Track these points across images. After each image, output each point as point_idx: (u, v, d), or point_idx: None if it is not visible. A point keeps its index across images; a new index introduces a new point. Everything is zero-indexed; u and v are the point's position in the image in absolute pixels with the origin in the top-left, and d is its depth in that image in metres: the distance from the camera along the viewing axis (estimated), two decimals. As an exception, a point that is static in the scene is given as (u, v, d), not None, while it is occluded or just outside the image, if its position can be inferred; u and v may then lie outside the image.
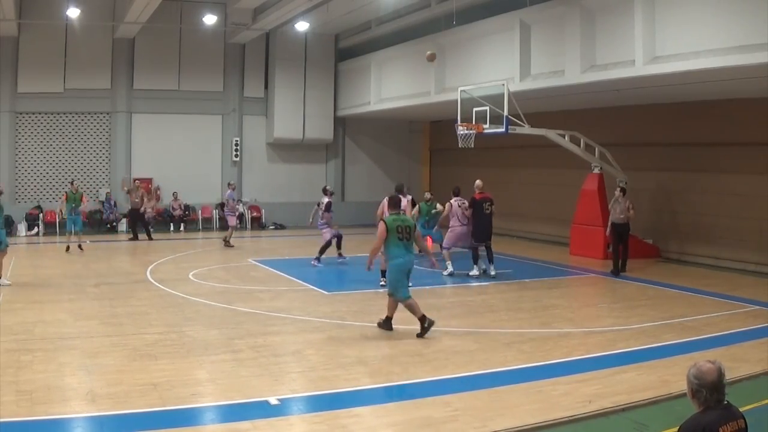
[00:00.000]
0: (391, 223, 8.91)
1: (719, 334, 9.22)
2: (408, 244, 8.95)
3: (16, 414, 5.90)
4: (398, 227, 8.88)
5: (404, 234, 8.88)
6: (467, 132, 15.51)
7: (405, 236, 8.89)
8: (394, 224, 8.90)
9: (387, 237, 8.86)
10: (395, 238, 8.85)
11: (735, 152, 15.39)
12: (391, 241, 8.87)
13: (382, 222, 9.00)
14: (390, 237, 8.85)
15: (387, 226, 8.86)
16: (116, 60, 22.42)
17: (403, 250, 8.90)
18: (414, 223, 9.34)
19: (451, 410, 6.22)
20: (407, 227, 8.95)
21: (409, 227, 8.98)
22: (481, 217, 14.10)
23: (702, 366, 3.43)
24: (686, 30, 12.23)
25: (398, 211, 9.24)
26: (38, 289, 12.11)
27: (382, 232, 8.86)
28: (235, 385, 6.88)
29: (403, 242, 8.89)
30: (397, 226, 8.89)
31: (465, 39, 18.14)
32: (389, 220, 8.98)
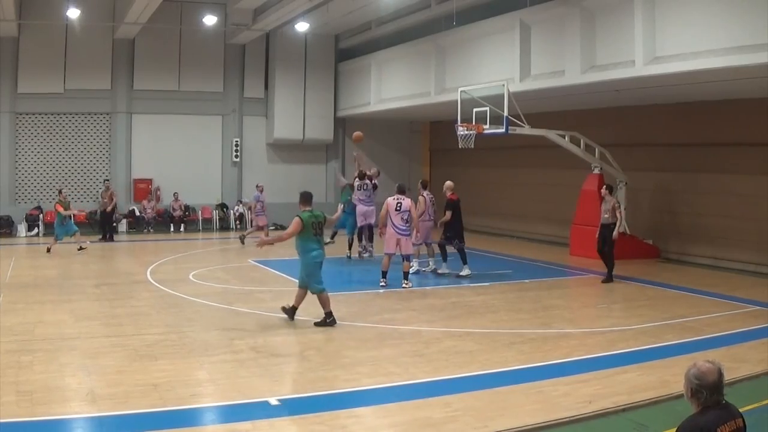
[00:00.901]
0: (307, 219, 9.30)
1: (719, 335, 9.22)
2: (320, 239, 9.50)
3: (17, 414, 5.91)
4: (313, 223, 9.35)
5: (318, 229, 9.40)
6: (467, 132, 15.51)
7: (318, 231, 9.42)
8: (310, 220, 9.32)
9: (303, 232, 9.28)
10: (311, 234, 9.31)
11: (735, 152, 15.39)
12: (307, 236, 9.29)
13: (298, 218, 9.34)
14: (306, 232, 9.28)
15: (303, 222, 9.25)
16: (116, 60, 22.43)
17: (317, 244, 9.40)
18: (324, 218, 9.76)
19: (451, 411, 6.22)
20: (320, 222, 9.48)
21: (321, 222, 9.51)
22: (459, 218, 13.98)
23: (702, 366, 3.42)
24: (686, 30, 12.23)
25: (311, 207, 9.60)
26: (39, 290, 12.11)
27: (298, 226, 9.25)
28: (236, 386, 6.88)
29: (317, 237, 9.41)
30: (312, 222, 9.34)
31: (465, 39, 18.15)
32: (305, 216, 9.33)
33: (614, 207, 13.52)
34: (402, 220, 12.56)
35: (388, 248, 12.65)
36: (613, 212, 13.47)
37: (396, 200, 12.68)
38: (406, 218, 12.59)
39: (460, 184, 24.63)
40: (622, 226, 16.98)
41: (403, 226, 12.58)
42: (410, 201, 12.85)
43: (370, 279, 13.41)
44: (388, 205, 12.63)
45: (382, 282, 12.59)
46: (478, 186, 24.03)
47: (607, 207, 13.59)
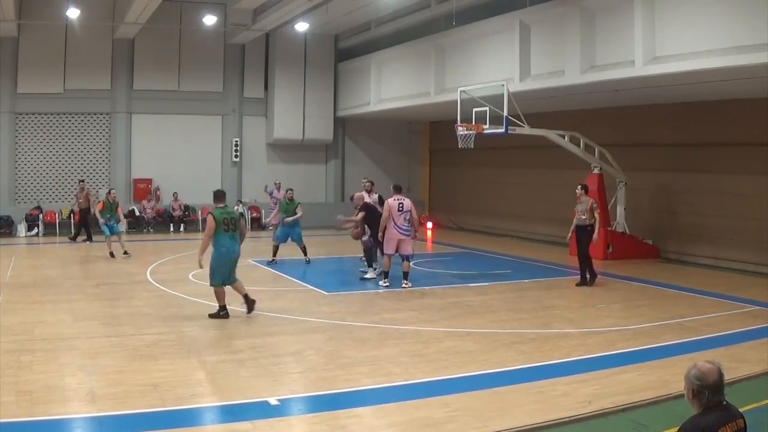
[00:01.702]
0: (218, 215, 9.59)
1: (719, 335, 9.22)
2: (234, 235, 9.70)
3: (16, 414, 5.91)
4: (224, 219, 9.63)
5: (230, 225, 9.66)
6: (467, 132, 15.50)
7: (231, 227, 9.67)
8: (221, 217, 9.61)
9: (215, 228, 9.54)
10: (222, 230, 9.58)
11: (735, 152, 15.40)
12: (218, 232, 9.58)
13: (210, 215, 9.64)
14: (218, 228, 9.56)
15: (215, 218, 9.54)
16: (116, 60, 22.44)
17: (228, 241, 9.64)
18: (239, 216, 10.05)
19: (450, 411, 6.22)
20: (233, 219, 9.74)
21: (234, 219, 9.77)
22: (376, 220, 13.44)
23: (702, 367, 3.42)
24: (686, 30, 12.23)
25: (225, 204, 9.90)
26: (38, 290, 12.10)
27: (211, 223, 9.55)
28: (235, 386, 6.88)
29: (229, 233, 9.64)
30: (224, 218, 9.63)
31: (465, 39, 18.15)
32: (217, 213, 9.63)
33: (592, 207, 12.96)
34: (404, 220, 12.49)
35: (390, 249, 12.58)
36: (591, 213, 12.93)
37: (397, 201, 12.57)
38: (408, 218, 12.53)
39: (460, 184, 24.84)
40: (623, 225, 17.12)
41: (405, 226, 12.51)
42: (410, 201, 12.80)
43: (370, 279, 13.41)
44: (390, 207, 12.49)
45: (385, 282, 12.57)
46: (477, 186, 24.07)
47: (583, 207, 13.01)
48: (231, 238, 9.68)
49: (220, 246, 9.64)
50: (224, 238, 9.62)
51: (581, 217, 13.01)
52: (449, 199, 25.79)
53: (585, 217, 12.97)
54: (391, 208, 12.48)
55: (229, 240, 9.66)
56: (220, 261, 9.67)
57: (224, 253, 9.65)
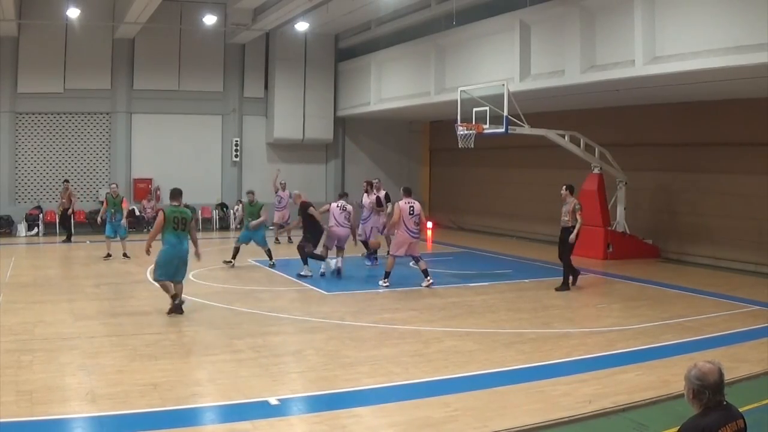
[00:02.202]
0: (169, 213, 9.84)
1: (719, 334, 9.22)
2: (181, 234, 9.90)
3: (16, 414, 5.90)
4: (174, 218, 9.84)
5: (179, 224, 9.85)
6: (467, 132, 15.50)
7: (180, 226, 9.86)
8: (172, 215, 9.84)
9: (165, 225, 9.78)
10: (171, 228, 9.81)
11: (735, 152, 15.39)
12: (167, 230, 9.81)
13: (161, 211, 9.95)
14: (167, 226, 9.80)
15: (166, 216, 9.80)
16: (116, 60, 22.43)
17: (175, 239, 9.84)
18: (191, 216, 10.20)
19: (450, 410, 6.22)
20: (183, 218, 9.91)
21: (185, 218, 9.93)
22: (315, 222, 13.77)
23: (703, 367, 3.41)
24: (686, 30, 12.23)
25: (179, 203, 10.12)
26: (38, 290, 12.11)
27: (161, 221, 9.83)
28: (235, 386, 6.88)
29: (177, 231, 9.84)
30: (174, 217, 9.84)
31: (465, 39, 18.15)
32: (168, 211, 9.90)
33: (574, 209, 12.38)
34: (414, 224, 12.56)
35: (398, 251, 12.56)
36: (573, 215, 12.35)
37: (408, 204, 12.58)
38: (417, 221, 12.61)
39: (461, 183, 24.84)
40: (623, 225, 17.11)
41: (415, 229, 12.57)
42: (419, 204, 12.82)
43: (370, 279, 13.42)
44: (402, 210, 12.50)
45: (385, 282, 12.58)
46: (478, 186, 24.07)
47: (567, 209, 12.53)
48: (178, 236, 9.87)
49: (166, 243, 9.87)
50: (172, 236, 9.83)
51: (564, 218, 12.56)
52: (449, 198, 25.78)
53: (567, 218, 12.47)
54: (402, 211, 12.49)
55: (176, 238, 9.85)
56: (166, 257, 9.86)
57: (169, 250, 9.85)
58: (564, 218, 12.52)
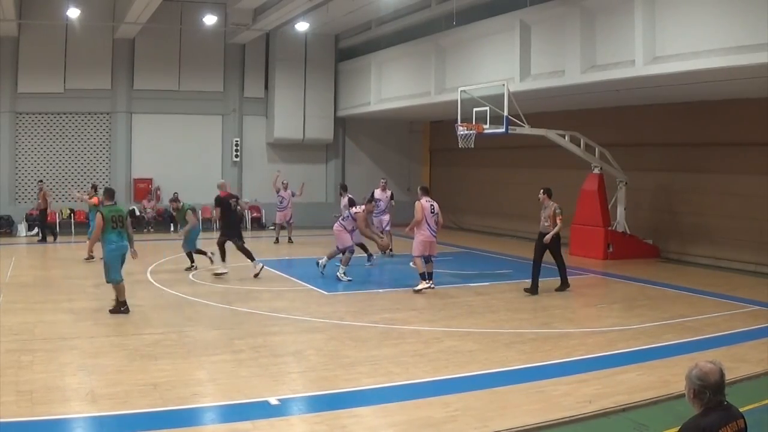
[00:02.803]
0: (107, 213, 10.01)
1: (719, 334, 9.22)
2: (121, 232, 10.09)
3: (17, 414, 5.90)
4: (113, 217, 10.01)
5: (117, 223, 10.04)
6: (467, 132, 15.50)
7: (118, 225, 10.05)
8: (110, 215, 10.02)
9: (104, 226, 9.93)
10: (110, 227, 9.97)
11: (735, 152, 15.39)
12: (107, 229, 9.96)
13: (99, 213, 10.07)
14: (106, 226, 9.94)
15: (104, 216, 9.95)
16: (116, 60, 22.44)
17: (116, 237, 10.00)
18: (126, 213, 10.48)
19: (451, 410, 6.22)
20: (120, 216, 10.14)
21: (122, 216, 10.17)
22: (230, 215, 13.72)
23: (704, 366, 3.41)
24: (686, 30, 12.23)
25: (113, 202, 10.36)
26: (39, 290, 12.11)
27: (100, 221, 9.95)
28: (236, 386, 6.88)
29: (117, 230, 10.02)
30: (112, 216, 10.01)
31: (465, 39, 18.15)
32: (106, 210, 10.07)
33: (554, 213, 12.05)
34: (435, 222, 12.35)
35: (422, 251, 12.20)
36: (553, 219, 12.04)
37: (429, 203, 12.32)
38: (437, 220, 12.39)
39: (461, 183, 24.84)
40: (623, 225, 17.11)
41: (435, 228, 12.38)
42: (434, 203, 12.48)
43: (370, 278, 13.41)
44: (424, 208, 12.20)
45: (431, 284, 12.15)
46: (478, 186, 24.07)
47: (546, 213, 12.22)
48: (118, 234, 10.06)
49: (110, 242, 9.99)
50: (113, 234, 9.99)
51: (544, 224, 12.23)
52: (449, 198, 25.73)
53: (548, 223, 12.17)
54: (424, 209, 12.22)
55: (117, 236, 10.03)
56: (113, 256, 10.01)
57: (114, 249, 10.01)
58: (544, 223, 12.23)
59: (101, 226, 9.92)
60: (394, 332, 9.23)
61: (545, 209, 12.23)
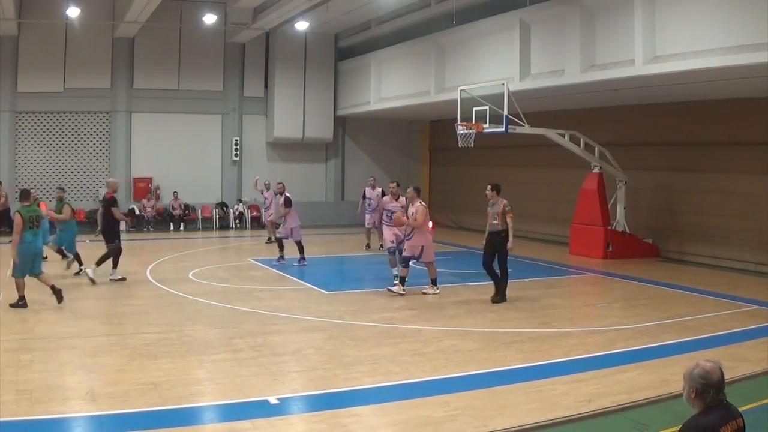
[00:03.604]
0: (25, 214, 10.25)
1: (719, 334, 9.22)
2: (36, 232, 10.39)
3: (16, 413, 5.90)
4: (30, 217, 10.29)
5: (34, 223, 10.33)
6: (467, 131, 15.50)
7: (35, 225, 10.35)
8: (28, 215, 10.27)
9: (23, 226, 10.16)
10: (27, 227, 10.21)
11: (735, 152, 15.39)
12: (24, 229, 10.18)
13: (18, 213, 10.29)
14: (24, 225, 10.16)
15: (23, 217, 10.17)
16: (116, 59, 22.43)
17: (31, 236, 10.28)
18: (42, 213, 10.84)
19: (450, 410, 6.22)
20: (37, 216, 10.46)
21: (39, 216, 10.52)
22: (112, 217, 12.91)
23: (705, 365, 3.40)
24: (686, 30, 12.22)
25: (29, 202, 10.65)
26: (38, 288, 12.07)
27: (19, 222, 10.16)
28: (235, 385, 6.88)
29: (32, 230, 10.31)
30: (30, 216, 10.29)
31: (465, 39, 18.14)
32: (24, 211, 10.28)
33: (503, 210, 11.14)
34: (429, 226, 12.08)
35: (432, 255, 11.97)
36: (503, 217, 11.13)
37: (423, 205, 11.92)
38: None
39: (461, 183, 24.83)
40: (623, 225, 17.09)
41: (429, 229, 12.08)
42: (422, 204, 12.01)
43: (370, 278, 13.41)
44: (426, 211, 11.85)
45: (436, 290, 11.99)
46: (477, 185, 23.93)
47: (494, 210, 11.25)
48: (33, 234, 10.32)
49: (24, 241, 10.16)
50: (28, 234, 10.22)
51: (492, 221, 11.27)
52: (449, 198, 25.78)
53: (497, 221, 11.20)
54: (426, 212, 11.84)
55: (32, 236, 10.28)
56: (24, 254, 10.18)
57: (26, 248, 10.19)
58: (493, 221, 11.26)
59: (20, 226, 10.09)
60: (394, 331, 9.24)
61: (493, 206, 11.29)
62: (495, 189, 11.43)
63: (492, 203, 11.35)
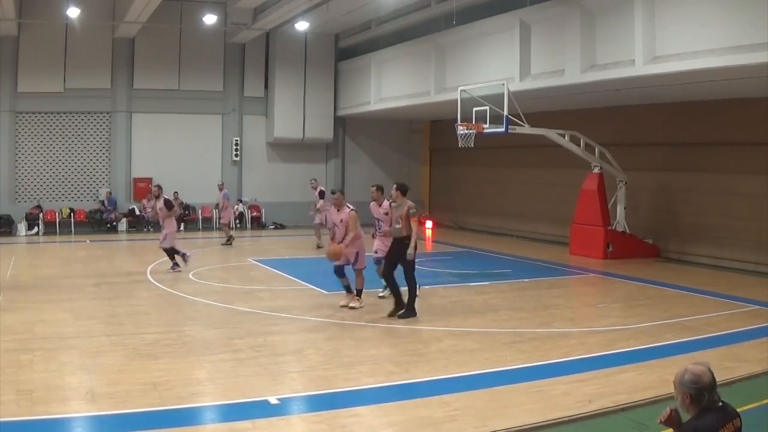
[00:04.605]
0: None
1: (719, 334, 9.21)
2: None
3: (16, 413, 5.90)
4: None
5: None
6: (467, 132, 15.50)
7: None
8: None
9: None
10: None
11: (735, 152, 15.39)
12: None
13: None
14: None
15: None
16: (116, 60, 22.44)
17: None
18: None
19: (450, 410, 6.22)
20: None
21: None
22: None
23: (695, 369, 3.35)
24: (686, 30, 12.23)
25: None
26: (38, 289, 12.10)
27: None
28: (235, 385, 6.88)
29: None
30: None
31: (465, 39, 18.15)
32: None
33: (407, 213, 9.81)
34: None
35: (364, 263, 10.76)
36: (407, 221, 9.79)
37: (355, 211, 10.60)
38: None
39: (461, 183, 24.84)
40: (623, 225, 17.07)
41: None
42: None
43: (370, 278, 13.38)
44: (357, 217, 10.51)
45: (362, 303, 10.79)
46: (477, 185, 24.07)
47: (398, 213, 9.93)
48: None
49: None
50: None
51: (395, 226, 9.99)
52: (449, 198, 25.79)
53: (400, 226, 9.89)
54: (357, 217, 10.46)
55: None
56: None
57: None
58: (396, 226, 9.96)
59: None
60: (394, 332, 9.23)
61: (398, 209, 9.99)
62: (400, 189, 10.06)
63: (396, 205, 10.04)
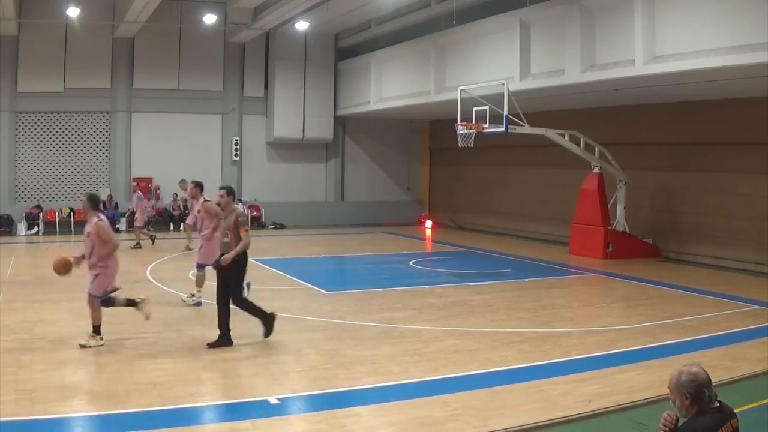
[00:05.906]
0: None
1: (719, 334, 9.22)
2: None
3: (16, 413, 5.90)
4: None
5: None
6: (467, 131, 15.50)
7: None
8: None
9: None
10: None
11: (735, 152, 15.39)
12: None
13: None
14: None
15: None
16: (116, 59, 22.42)
17: None
18: None
19: (450, 410, 6.22)
20: None
21: None
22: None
23: (690, 369, 3.33)
24: (686, 30, 12.22)
25: None
26: (38, 289, 12.10)
27: None
28: (235, 385, 6.88)
29: None
30: None
31: (465, 38, 18.14)
32: None
33: (236, 222, 8.25)
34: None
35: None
36: (235, 232, 8.21)
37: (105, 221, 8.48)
38: None
39: (460, 182, 24.84)
40: (623, 225, 17.05)
41: None
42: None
43: (370, 278, 13.40)
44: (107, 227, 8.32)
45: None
46: (477, 185, 24.07)
47: (226, 224, 8.37)
48: None
49: None
50: None
51: (224, 240, 8.36)
52: (449, 197, 25.79)
53: (228, 239, 8.28)
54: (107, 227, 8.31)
55: None
56: None
57: None
58: (224, 239, 8.35)
59: None
60: (394, 331, 9.23)
61: (226, 218, 8.41)
62: (230, 194, 8.51)
63: (225, 214, 8.50)
